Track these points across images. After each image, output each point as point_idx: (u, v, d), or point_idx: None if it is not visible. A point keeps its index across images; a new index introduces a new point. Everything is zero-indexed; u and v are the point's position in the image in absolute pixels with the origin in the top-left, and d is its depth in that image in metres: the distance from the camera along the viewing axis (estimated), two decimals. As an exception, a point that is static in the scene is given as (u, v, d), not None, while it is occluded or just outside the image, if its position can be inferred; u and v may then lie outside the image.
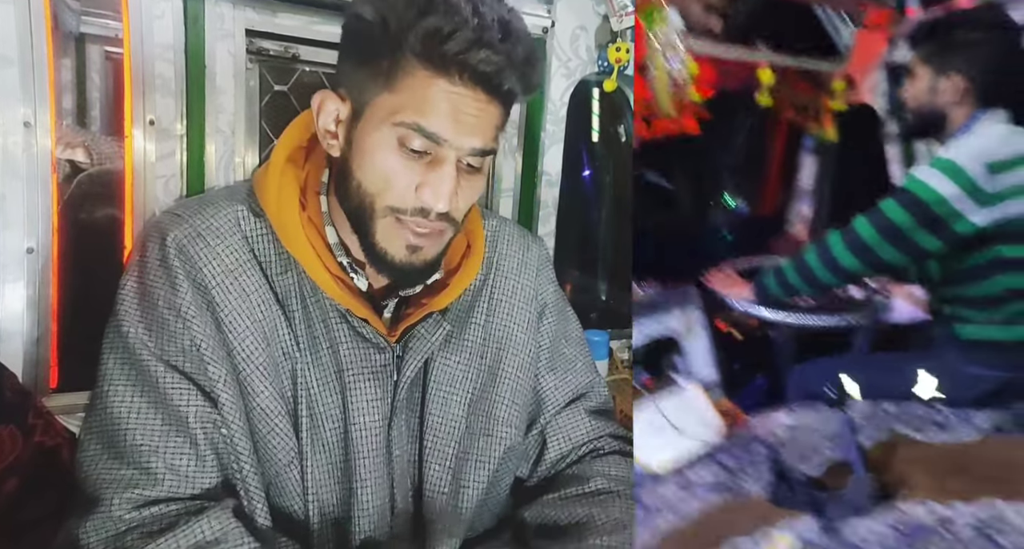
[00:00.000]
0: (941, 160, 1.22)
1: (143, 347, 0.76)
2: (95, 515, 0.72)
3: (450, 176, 0.76)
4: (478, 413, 0.92)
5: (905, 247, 1.23)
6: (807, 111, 1.90)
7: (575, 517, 0.87)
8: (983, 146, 1.23)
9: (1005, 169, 1.20)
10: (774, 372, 1.72)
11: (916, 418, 1.06)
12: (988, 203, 1.19)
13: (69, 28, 1.57)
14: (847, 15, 1.78)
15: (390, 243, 0.79)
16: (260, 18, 1.12)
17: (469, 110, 0.75)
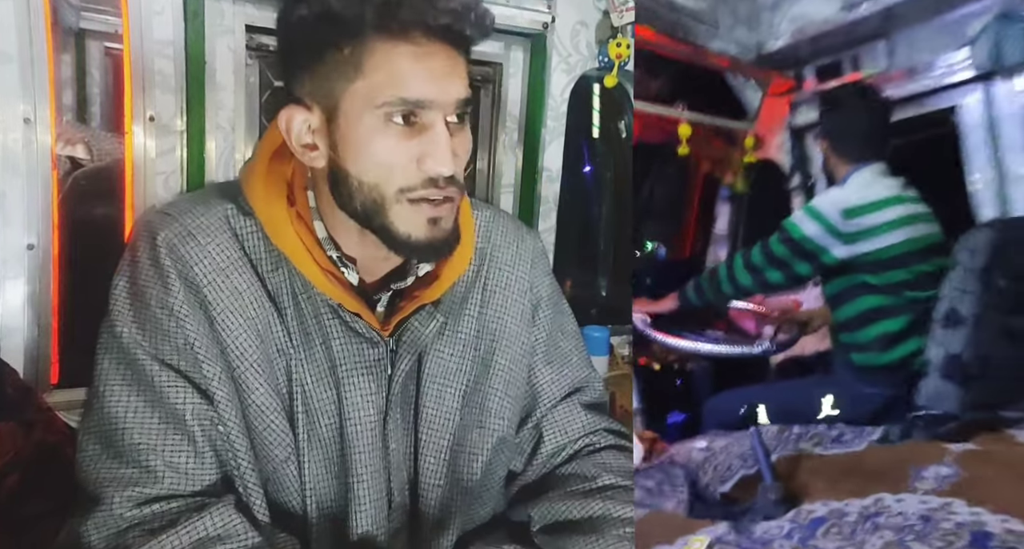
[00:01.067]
0: (808, 207, 1.51)
1: (137, 346, 0.77)
2: (96, 514, 0.72)
3: (444, 137, 0.76)
4: (471, 405, 0.92)
5: (785, 272, 1.51)
6: (722, 164, 2.21)
7: (588, 512, 0.87)
8: (842, 196, 1.50)
9: (866, 212, 1.45)
10: (693, 406, 1.87)
11: (817, 435, 1.21)
12: (848, 241, 1.46)
13: (69, 24, 1.57)
14: (756, 83, 2.11)
15: (411, 226, 0.78)
16: (260, 14, 1.11)
17: (440, 64, 0.75)
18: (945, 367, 1.30)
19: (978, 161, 1.76)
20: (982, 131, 1.74)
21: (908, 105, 1.84)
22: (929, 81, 1.79)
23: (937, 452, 1.02)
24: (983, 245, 1.28)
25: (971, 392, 1.27)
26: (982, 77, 1.73)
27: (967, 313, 1.29)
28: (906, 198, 1.50)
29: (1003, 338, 1.30)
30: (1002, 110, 1.71)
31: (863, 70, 1.93)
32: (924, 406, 1.30)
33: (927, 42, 1.83)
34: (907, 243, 1.45)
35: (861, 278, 1.50)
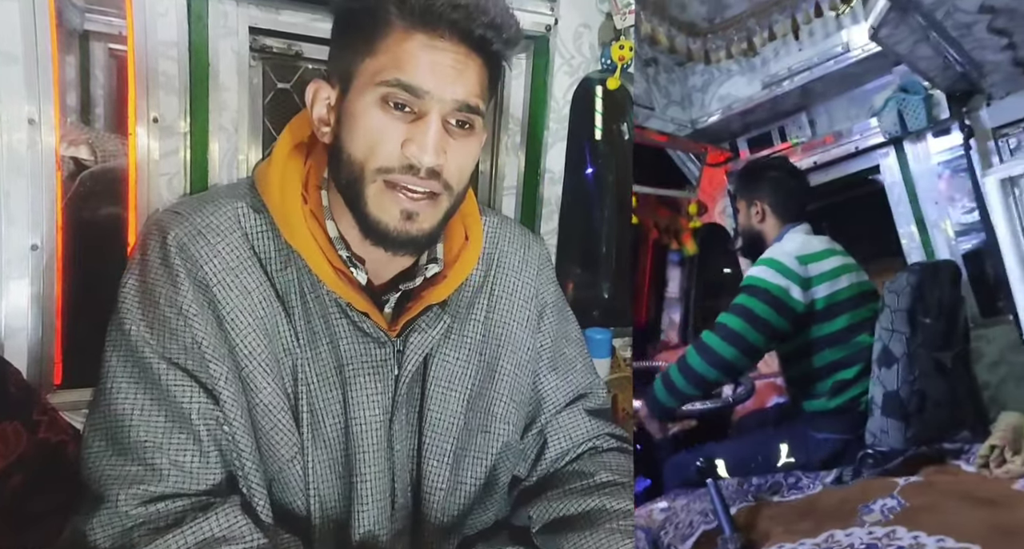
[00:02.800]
0: (763, 259, 1.58)
1: (145, 345, 0.77)
2: (101, 511, 0.72)
3: (434, 129, 0.77)
4: (476, 410, 0.93)
5: (763, 327, 1.50)
6: (669, 231, 2.37)
7: (585, 507, 0.88)
8: (790, 247, 1.59)
9: (812, 260, 1.55)
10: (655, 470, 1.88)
11: (775, 484, 1.25)
12: (805, 287, 1.52)
13: (73, 25, 1.57)
14: (694, 155, 2.34)
15: (383, 211, 0.79)
16: (263, 15, 1.12)
17: (448, 61, 0.77)
18: (886, 405, 1.39)
19: (901, 214, 2.04)
20: (900, 187, 2.04)
21: (835, 168, 2.13)
22: (849, 146, 2.07)
23: (885, 486, 1.09)
24: (905, 288, 1.40)
25: (912, 427, 1.35)
26: (894, 141, 2.01)
27: (899, 352, 1.39)
28: (836, 251, 1.63)
29: (934, 372, 1.41)
30: (915, 169, 2.00)
31: (790, 139, 2.17)
32: (872, 445, 1.38)
33: (842, 113, 2.12)
34: (850, 289, 1.57)
35: (814, 331, 1.56)
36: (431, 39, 0.76)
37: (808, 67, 1.93)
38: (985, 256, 1.89)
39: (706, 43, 1.89)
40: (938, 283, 1.47)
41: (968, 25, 1.45)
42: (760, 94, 2.03)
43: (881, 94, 2.01)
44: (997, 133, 1.91)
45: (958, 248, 2.00)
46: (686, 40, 1.86)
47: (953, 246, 2.00)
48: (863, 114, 2.08)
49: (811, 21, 1.79)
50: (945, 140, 1.99)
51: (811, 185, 1.90)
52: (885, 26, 1.40)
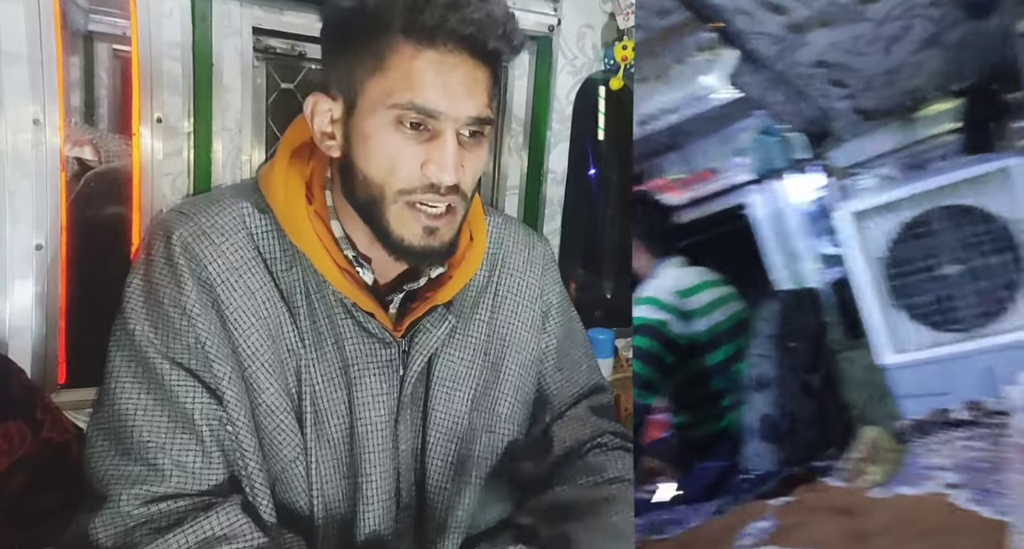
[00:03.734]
0: (643, 298, 1.63)
1: (149, 345, 0.77)
2: (104, 511, 0.73)
3: (452, 147, 0.77)
4: (481, 409, 0.93)
5: (653, 362, 1.55)
6: None
7: (592, 498, 0.88)
8: (669, 280, 1.65)
9: (690, 294, 1.61)
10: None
11: (658, 522, 1.27)
12: (686, 320, 1.59)
13: (77, 26, 1.58)
14: None
15: (406, 229, 0.79)
16: (267, 16, 1.12)
17: (459, 78, 0.75)
18: (760, 429, 1.45)
19: (770, 245, 2.19)
20: (769, 221, 2.19)
21: (711, 203, 2.24)
22: (724, 182, 2.21)
23: (759, 510, 1.13)
24: (772, 314, 1.48)
25: (785, 448, 1.42)
26: (761, 178, 2.17)
27: (769, 376, 1.45)
28: (712, 282, 1.69)
29: (803, 394, 1.48)
30: (781, 204, 2.18)
31: (667, 175, 2.26)
32: (748, 469, 1.42)
33: (713, 151, 2.23)
34: (728, 320, 1.62)
35: (699, 362, 1.61)
36: (442, 55, 0.74)
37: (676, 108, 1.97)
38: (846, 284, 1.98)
39: None
40: (803, 309, 1.59)
41: (809, 76, 1.59)
42: (635, 131, 2.11)
43: (745, 135, 2.15)
44: (849, 171, 2.10)
45: (824, 278, 2.14)
46: None
47: (818, 275, 2.15)
48: (732, 152, 2.22)
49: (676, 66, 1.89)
50: (805, 178, 2.17)
51: (684, 219, 2.07)
52: (740, 75, 1.49)
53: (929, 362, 1.68)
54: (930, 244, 1.70)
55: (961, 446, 1.22)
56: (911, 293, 1.71)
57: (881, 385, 1.80)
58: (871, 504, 1.08)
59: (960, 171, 1.69)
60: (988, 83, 1.81)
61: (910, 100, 1.96)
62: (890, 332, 1.71)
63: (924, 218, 1.70)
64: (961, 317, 1.67)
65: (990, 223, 1.64)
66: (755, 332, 1.49)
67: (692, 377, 1.63)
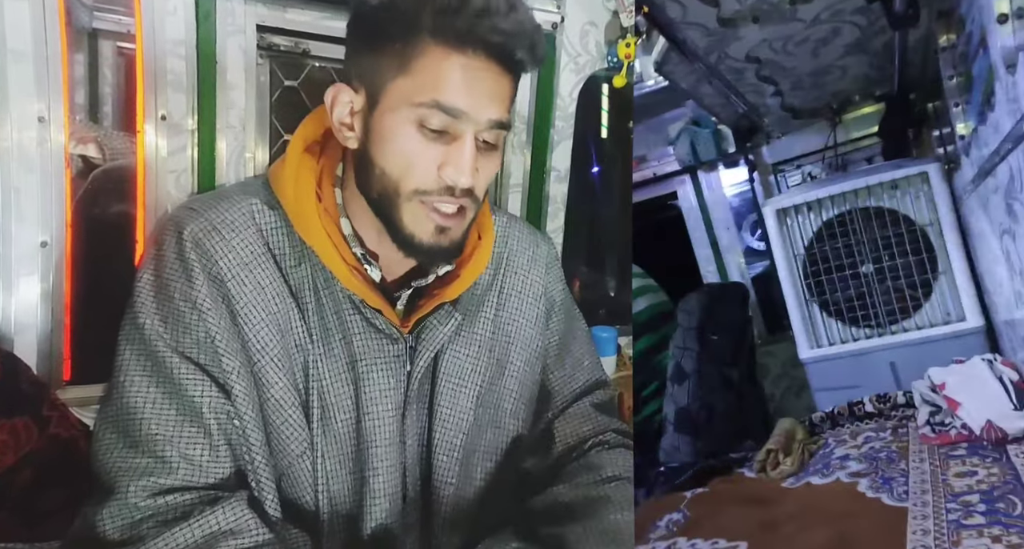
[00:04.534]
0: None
1: (159, 338, 0.77)
2: (111, 503, 0.73)
3: (470, 151, 0.78)
4: (486, 406, 0.93)
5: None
6: None
7: (591, 497, 0.88)
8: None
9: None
10: None
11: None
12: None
13: (82, 24, 1.58)
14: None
15: (418, 226, 0.80)
16: (271, 13, 1.12)
17: (484, 82, 0.77)
18: (677, 420, 1.47)
19: (697, 238, 2.19)
20: (697, 213, 2.18)
21: (637, 192, 2.25)
22: (648, 172, 2.19)
23: (674, 502, 1.14)
24: (695, 307, 1.49)
25: (702, 440, 1.44)
26: (689, 169, 2.16)
27: (690, 368, 1.47)
28: (634, 274, 1.68)
29: (722, 387, 1.49)
30: (708, 197, 2.17)
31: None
32: (664, 461, 1.44)
33: (641, 139, 2.21)
34: (646, 311, 1.63)
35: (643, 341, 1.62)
36: (469, 60, 0.75)
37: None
38: (771, 279, 2.02)
39: None
40: (727, 302, 1.59)
41: (740, 71, 1.59)
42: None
43: (676, 124, 2.12)
44: (776, 168, 2.13)
45: (748, 271, 2.15)
46: None
47: (743, 269, 2.16)
48: (661, 142, 2.19)
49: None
50: (734, 172, 2.14)
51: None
52: (667, 63, 1.50)
53: (842, 356, 1.75)
54: (848, 243, 1.76)
55: (867, 437, 1.26)
56: (828, 290, 1.77)
57: (800, 378, 1.87)
58: (782, 493, 1.11)
59: (880, 174, 1.74)
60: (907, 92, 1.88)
61: (836, 102, 2.03)
62: (808, 327, 1.77)
63: (843, 217, 1.76)
64: (873, 314, 1.73)
65: (907, 225, 1.69)
66: (677, 324, 1.50)
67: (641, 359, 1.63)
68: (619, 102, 1.83)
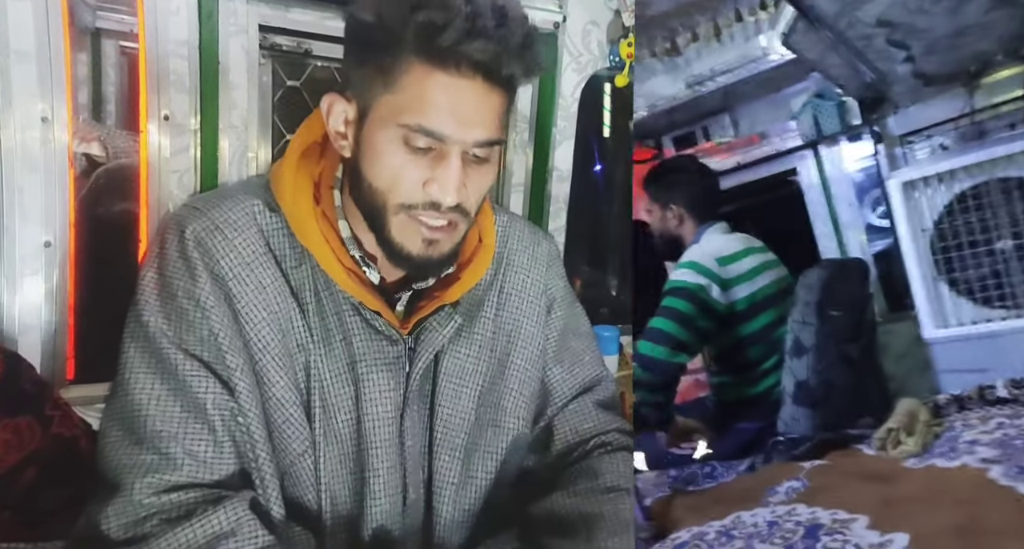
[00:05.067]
0: (683, 262, 1.62)
1: (163, 336, 0.78)
2: (116, 500, 0.73)
3: (456, 169, 0.77)
4: (487, 405, 0.93)
5: (688, 325, 1.55)
6: None
7: (586, 513, 0.88)
8: (709, 248, 1.63)
9: (731, 261, 1.60)
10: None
11: (691, 475, 1.29)
12: (726, 287, 1.57)
13: (85, 23, 1.59)
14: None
15: (406, 238, 0.81)
16: (273, 14, 1.12)
17: (469, 102, 0.75)
18: (796, 393, 1.43)
19: (818, 214, 2.12)
20: (817, 189, 2.11)
21: (757, 168, 2.17)
22: (770, 148, 2.13)
23: (792, 470, 1.14)
24: (815, 282, 1.43)
25: (820, 414, 1.40)
26: (811, 144, 2.08)
27: (809, 343, 1.42)
28: (755, 249, 1.67)
29: (841, 363, 1.44)
30: (830, 171, 2.08)
31: (713, 139, 2.20)
32: (783, 432, 1.41)
33: (763, 115, 2.17)
34: (768, 286, 1.61)
35: (738, 330, 1.60)
36: (453, 79, 0.74)
37: (729, 69, 1.97)
38: (893, 256, 1.95)
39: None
40: (847, 279, 1.53)
41: (869, 37, 1.51)
42: (684, 93, 2.08)
43: (798, 98, 2.07)
44: (903, 140, 2.01)
45: (870, 248, 2.07)
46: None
47: (865, 246, 2.08)
48: (783, 117, 2.13)
49: (732, 25, 1.83)
50: (858, 145, 2.05)
51: (734, 184, 2.01)
52: (795, 34, 1.44)
53: (972, 338, 1.65)
54: (982, 217, 1.65)
55: (1000, 423, 1.19)
56: (958, 267, 1.67)
57: (922, 358, 1.78)
58: (904, 473, 1.08)
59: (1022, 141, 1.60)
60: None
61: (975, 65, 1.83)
62: (934, 306, 1.68)
63: (979, 190, 1.64)
64: (1010, 294, 1.63)
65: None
66: (796, 299, 1.45)
67: (732, 342, 1.62)
68: (621, 101, 1.83)
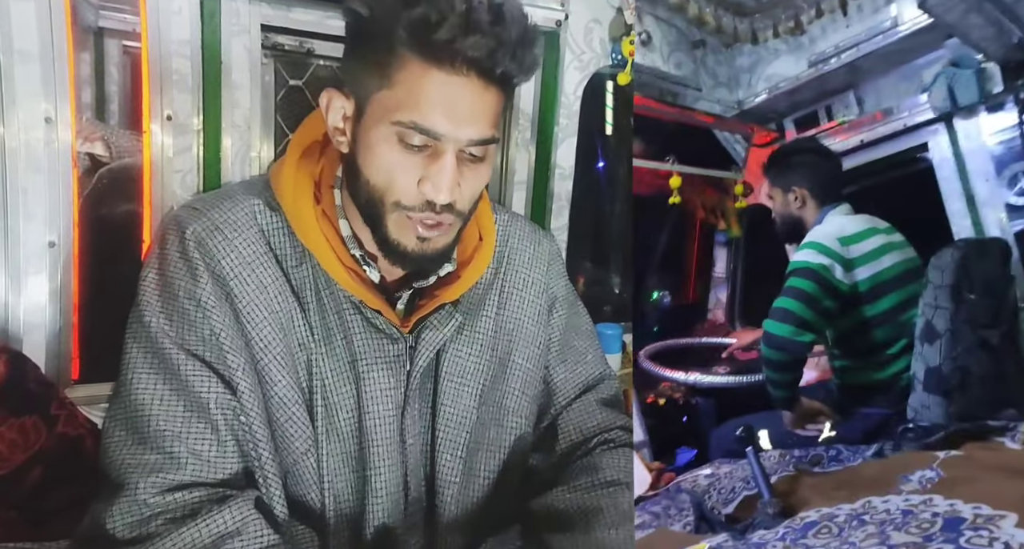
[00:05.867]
0: (806, 243, 1.60)
1: (165, 336, 0.78)
2: (121, 500, 0.74)
3: (449, 168, 0.77)
4: (489, 404, 0.94)
5: (813, 304, 1.51)
6: (715, 211, 2.40)
7: (585, 506, 0.88)
8: (834, 227, 1.61)
9: (853, 242, 1.57)
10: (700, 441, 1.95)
11: (816, 456, 1.27)
12: (849, 267, 1.54)
13: (88, 22, 1.59)
14: (741, 135, 2.34)
15: (402, 235, 0.81)
16: (275, 13, 1.12)
17: (464, 100, 0.75)
18: (928, 380, 1.37)
19: (951, 191, 1.99)
20: (950, 165, 1.97)
21: (883, 146, 2.07)
22: (897, 123, 2.02)
23: (925, 459, 1.09)
24: (950, 263, 1.37)
25: (955, 403, 1.34)
26: (944, 117, 1.95)
27: (942, 328, 1.37)
28: (880, 229, 1.63)
29: (978, 349, 1.37)
30: (965, 146, 1.94)
31: (836, 118, 2.14)
32: (913, 419, 1.37)
33: (891, 89, 2.07)
34: (894, 267, 1.57)
35: (861, 311, 1.57)
36: (448, 76, 0.74)
37: (856, 44, 1.88)
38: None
39: (753, 23, 1.89)
40: (985, 260, 1.45)
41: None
42: (806, 73, 2.00)
43: (931, 69, 1.93)
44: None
45: (1010, 227, 1.90)
46: (733, 20, 1.87)
47: (1005, 225, 1.91)
48: (912, 90, 2.01)
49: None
50: (999, 116, 1.89)
51: (857, 164, 1.95)
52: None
53: None
54: None
55: None
56: None
57: None
58: None
59: None
60: None
61: None
62: None
63: None
64: None
65: None
66: (929, 281, 1.40)
67: (854, 324, 1.59)
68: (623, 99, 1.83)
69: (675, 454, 1.95)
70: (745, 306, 2.54)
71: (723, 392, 1.99)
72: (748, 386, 1.78)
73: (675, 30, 1.87)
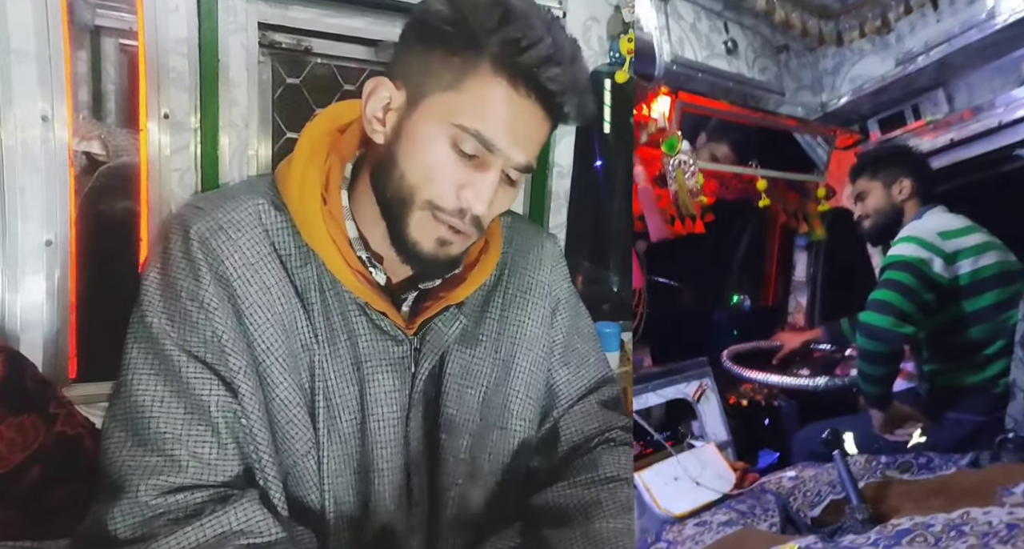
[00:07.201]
0: (903, 237, 1.57)
1: (166, 337, 0.78)
2: (122, 502, 0.73)
3: (493, 182, 0.79)
4: (492, 406, 0.94)
5: (911, 296, 1.48)
6: (797, 216, 2.36)
7: (584, 500, 0.88)
8: (932, 223, 1.60)
9: (954, 236, 1.55)
10: (783, 444, 1.93)
11: (905, 463, 1.24)
12: (949, 261, 1.52)
13: (85, 21, 1.59)
14: (823, 138, 2.29)
15: (422, 235, 0.81)
16: (272, 11, 1.12)
17: (527, 123, 0.78)
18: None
19: None
20: None
21: (975, 144, 1.96)
22: (992, 120, 1.91)
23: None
24: None
25: None
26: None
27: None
28: (977, 228, 1.60)
29: None
30: None
31: (924, 117, 2.07)
32: (1013, 429, 1.32)
33: (984, 85, 1.97)
34: (993, 266, 1.54)
35: (959, 307, 1.53)
36: (520, 97, 0.76)
37: (947, 39, 1.81)
38: None
39: (839, 24, 1.88)
40: None
41: None
42: (893, 72, 1.95)
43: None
44: None
45: None
46: (819, 23, 1.85)
47: None
48: (1009, 84, 1.91)
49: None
50: None
51: (946, 164, 1.93)
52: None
53: None
54: None
55: None
56: None
57: None
58: None
59: None
60: None
61: None
62: None
63: None
64: None
65: None
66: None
67: (951, 321, 1.55)
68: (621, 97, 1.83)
69: (757, 456, 1.94)
70: (825, 310, 2.49)
71: (805, 394, 1.95)
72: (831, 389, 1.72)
73: (760, 37, 1.87)
